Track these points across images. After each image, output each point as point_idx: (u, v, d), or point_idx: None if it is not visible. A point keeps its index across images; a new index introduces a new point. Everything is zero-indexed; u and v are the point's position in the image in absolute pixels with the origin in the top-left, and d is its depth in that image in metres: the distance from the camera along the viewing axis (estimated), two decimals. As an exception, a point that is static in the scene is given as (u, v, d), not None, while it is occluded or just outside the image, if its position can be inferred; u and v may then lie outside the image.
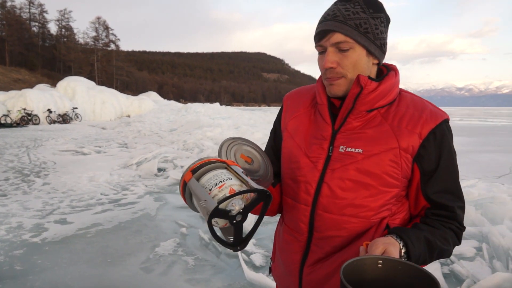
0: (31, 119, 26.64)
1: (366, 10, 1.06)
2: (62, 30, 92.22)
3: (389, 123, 1.10)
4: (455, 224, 1.10)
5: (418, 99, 1.15)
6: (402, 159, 1.07)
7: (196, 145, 11.30)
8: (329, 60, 1.07)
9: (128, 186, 7.34)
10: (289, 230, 1.25)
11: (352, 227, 1.11)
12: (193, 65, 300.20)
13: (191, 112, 24.15)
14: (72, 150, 12.57)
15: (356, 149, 1.09)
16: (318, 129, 1.19)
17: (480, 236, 4.01)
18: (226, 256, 4.04)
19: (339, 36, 1.05)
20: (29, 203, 6.08)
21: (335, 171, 1.11)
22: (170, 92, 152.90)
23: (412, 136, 1.06)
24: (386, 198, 1.09)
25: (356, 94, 1.09)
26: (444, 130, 1.08)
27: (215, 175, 0.95)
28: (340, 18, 1.05)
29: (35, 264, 3.85)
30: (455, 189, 1.10)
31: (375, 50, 1.09)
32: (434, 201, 1.09)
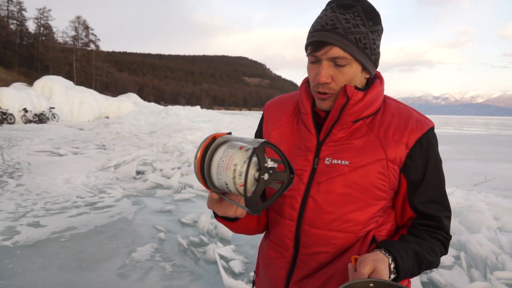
0: (6, 118, 25.92)
1: (366, 23, 1.01)
2: (40, 28, 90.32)
3: (375, 133, 1.07)
4: (442, 234, 1.08)
5: (403, 107, 1.13)
6: (389, 170, 1.04)
7: (176, 148, 11.17)
8: (324, 75, 1.02)
9: (105, 189, 7.18)
10: (274, 245, 1.20)
11: (339, 243, 1.08)
12: (174, 67, 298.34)
13: (171, 114, 23.93)
14: (48, 150, 12.26)
15: (342, 161, 1.06)
16: (302, 140, 1.14)
17: (458, 244, 4.05)
18: (204, 263, 3.98)
19: (337, 51, 1.00)
20: (1, 204, 5.87)
21: (321, 184, 1.07)
22: (151, 94, 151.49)
23: (399, 146, 1.04)
24: (374, 211, 1.07)
25: (342, 105, 1.06)
26: (430, 138, 1.07)
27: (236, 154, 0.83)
28: (340, 31, 0.99)
29: (6, 268, 3.71)
30: (441, 199, 1.09)
31: (370, 66, 1.06)
32: (421, 212, 1.07)
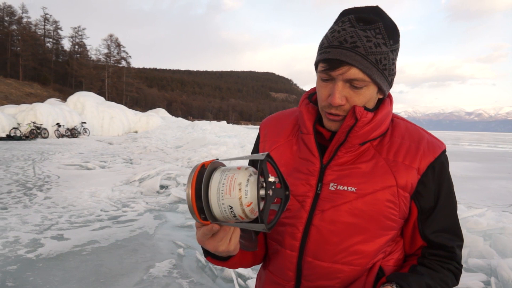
0: (40, 132, 26.89)
1: (387, 42, 0.91)
2: (75, 46, 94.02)
3: (384, 157, 0.98)
4: (454, 264, 1.00)
5: (413, 128, 1.04)
6: (400, 198, 0.96)
7: (200, 163, 11.23)
8: (338, 97, 0.92)
9: (129, 203, 7.26)
10: (273, 277, 1.11)
11: (345, 276, 0.99)
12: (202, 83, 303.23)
13: (197, 129, 24.20)
14: (77, 164, 12.57)
15: (348, 187, 0.97)
16: (303, 162, 1.04)
17: (489, 269, 3.84)
18: (222, 281, 3.93)
19: (356, 73, 0.90)
20: (28, 217, 6.02)
21: (325, 213, 0.98)
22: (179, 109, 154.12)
23: (410, 172, 0.96)
24: (383, 242, 0.98)
25: (350, 126, 0.96)
26: (442, 162, 0.99)
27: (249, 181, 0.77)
28: (361, 50, 0.89)
29: (27, 281, 3.77)
30: (454, 227, 1.01)
31: (386, 87, 0.98)
32: (432, 241, 0.99)
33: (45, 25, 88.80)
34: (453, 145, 43.17)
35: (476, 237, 4.29)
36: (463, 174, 13.89)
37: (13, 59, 71.53)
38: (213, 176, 0.79)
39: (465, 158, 21.73)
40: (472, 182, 11.91)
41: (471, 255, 4.17)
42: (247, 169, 0.77)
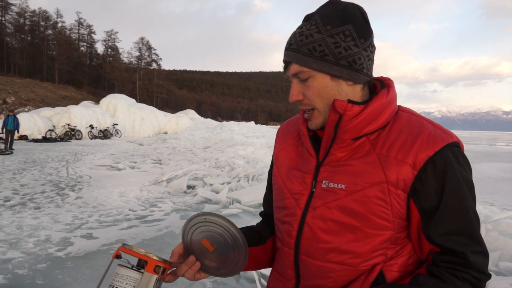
0: (74, 134, 27.78)
1: (321, 29, 0.92)
2: (108, 50, 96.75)
3: (377, 152, 0.93)
4: (470, 273, 0.88)
5: (416, 120, 0.96)
6: (391, 196, 0.90)
7: (227, 163, 11.31)
8: (293, 94, 0.98)
9: (157, 203, 7.37)
10: (277, 275, 1.12)
11: (338, 276, 0.96)
12: (231, 84, 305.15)
13: (226, 130, 24.37)
14: (108, 165, 12.89)
15: (339, 184, 0.94)
16: (303, 162, 1.05)
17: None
18: (245, 281, 3.91)
19: (294, 67, 0.96)
20: (60, 216, 6.21)
21: (317, 210, 0.97)
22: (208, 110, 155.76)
23: (402, 167, 0.89)
24: (376, 242, 0.92)
25: (336, 121, 0.95)
26: (447, 157, 0.89)
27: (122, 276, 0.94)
28: (293, 47, 0.95)
29: (55, 279, 3.87)
30: (468, 230, 0.89)
31: (341, 73, 0.93)
32: (441, 245, 0.90)
33: (79, 29, 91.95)
34: (489, 145, 41.69)
35: (508, 240, 4.12)
36: (498, 175, 13.38)
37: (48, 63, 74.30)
38: None
39: (502, 159, 20.92)
40: (508, 183, 11.45)
41: (502, 258, 4.00)
42: None
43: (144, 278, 0.93)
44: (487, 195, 9.28)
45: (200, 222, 0.99)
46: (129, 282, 0.93)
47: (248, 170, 9.73)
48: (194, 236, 1.00)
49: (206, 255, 1.01)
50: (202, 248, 1.00)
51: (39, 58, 73.77)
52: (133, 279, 0.93)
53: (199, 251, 1.01)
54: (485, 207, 5.22)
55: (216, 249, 0.99)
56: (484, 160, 19.52)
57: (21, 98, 46.67)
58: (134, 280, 0.93)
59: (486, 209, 5.03)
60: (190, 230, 1.00)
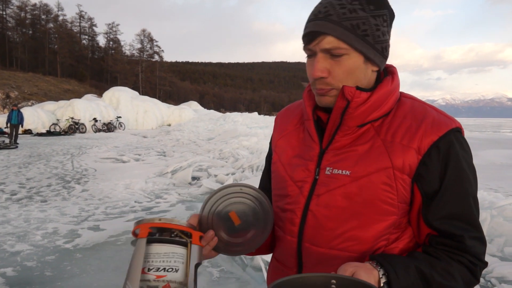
0: (78, 127, 27.88)
1: (365, 7, 0.87)
2: (110, 42, 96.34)
3: (382, 138, 0.93)
4: (467, 257, 0.88)
5: (419, 106, 0.96)
6: (397, 181, 0.89)
7: (231, 154, 11.32)
8: (318, 69, 0.90)
9: (162, 194, 7.42)
10: (278, 264, 1.11)
11: (342, 263, 0.93)
12: (234, 75, 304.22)
13: (229, 121, 24.38)
14: (113, 157, 12.95)
15: (343, 170, 0.93)
16: (306, 148, 1.03)
17: (526, 258, 3.70)
18: (252, 270, 3.95)
19: (331, 40, 0.88)
20: (66, 209, 6.27)
21: (321, 197, 0.95)
22: (211, 101, 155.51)
23: (408, 153, 0.89)
24: (381, 228, 0.92)
25: (343, 108, 0.93)
26: (451, 141, 0.89)
27: (167, 254, 0.82)
28: (333, 18, 0.87)
29: (64, 270, 3.92)
30: (466, 215, 0.89)
31: (375, 56, 0.91)
32: (439, 229, 0.90)
33: (81, 22, 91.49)
34: (494, 132, 41.49)
35: (511, 225, 4.13)
36: (503, 162, 13.35)
37: (50, 56, 74.19)
38: None
39: (506, 146, 20.84)
40: (510, 170, 11.42)
41: (507, 243, 4.02)
42: None
43: (193, 251, 0.85)
44: (491, 182, 9.27)
45: (232, 193, 0.94)
46: (178, 259, 0.83)
47: (252, 161, 9.75)
48: (220, 208, 0.94)
49: (225, 230, 0.95)
50: (224, 222, 0.95)
51: (41, 52, 73.62)
52: (180, 255, 0.83)
53: (218, 226, 0.94)
54: (489, 194, 5.23)
55: (241, 223, 0.95)
56: (489, 147, 19.46)
57: (24, 92, 46.75)
58: (182, 256, 0.84)
59: (491, 196, 5.04)
60: (218, 201, 0.94)
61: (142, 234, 0.82)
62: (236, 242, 0.97)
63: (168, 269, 0.81)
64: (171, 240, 0.84)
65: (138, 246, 0.81)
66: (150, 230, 0.83)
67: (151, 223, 0.84)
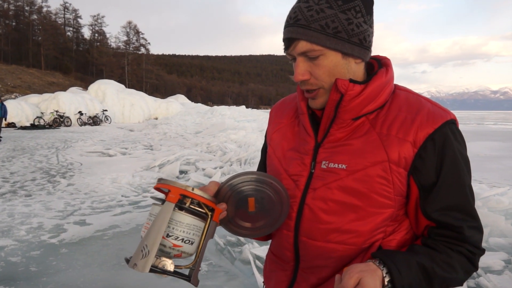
0: (63, 121, 27.46)
1: (333, 4, 0.88)
2: (95, 34, 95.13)
3: (377, 131, 0.93)
4: (466, 247, 0.90)
5: (414, 99, 0.97)
6: (393, 174, 0.90)
7: (219, 148, 11.28)
8: (299, 73, 0.92)
9: (149, 188, 7.36)
10: (274, 257, 1.12)
11: (340, 256, 0.96)
12: (221, 68, 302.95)
13: (216, 114, 24.27)
14: (99, 151, 12.80)
15: (339, 164, 0.94)
16: (301, 142, 1.04)
17: (510, 248, 3.77)
18: (240, 263, 3.94)
19: (304, 45, 0.89)
20: (51, 203, 6.18)
21: (317, 191, 0.96)
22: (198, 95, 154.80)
23: (403, 146, 0.90)
24: (378, 220, 0.93)
25: (337, 101, 0.93)
26: (446, 133, 0.90)
27: (189, 225, 0.83)
28: (302, 22, 0.88)
29: (50, 265, 3.87)
30: (464, 206, 0.91)
31: (353, 50, 0.91)
32: (438, 221, 0.91)
33: (65, 14, 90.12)
34: (478, 124, 42.15)
35: (497, 216, 4.21)
36: (487, 154, 13.57)
37: (34, 48, 72.91)
38: None
39: (490, 138, 21.19)
40: (496, 161, 11.63)
41: (492, 234, 4.10)
42: None
43: (211, 227, 0.86)
44: (476, 173, 9.41)
45: (262, 182, 0.95)
46: (196, 232, 0.84)
47: (240, 154, 9.73)
48: (243, 189, 0.95)
49: (237, 210, 0.96)
50: (240, 203, 0.95)
51: (25, 44, 72.29)
52: (199, 228, 0.84)
53: (232, 203, 0.95)
54: (474, 185, 5.30)
55: (254, 212, 0.96)
56: (473, 139, 19.74)
57: (7, 85, 45.89)
58: (200, 229, 0.85)
59: (475, 187, 5.11)
60: (244, 182, 0.95)
61: (172, 199, 0.82)
62: (241, 225, 0.98)
63: (186, 240, 0.82)
64: (196, 212, 0.85)
65: (165, 209, 0.81)
66: (180, 197, 0.83)
67: (184, 190, 0.84)
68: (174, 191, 0.83)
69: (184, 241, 0.82)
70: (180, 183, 0.85)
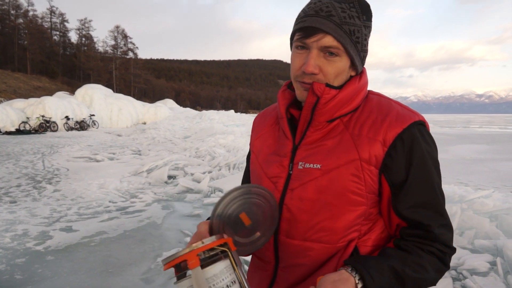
0: (49, 126, 27.11)
1: (360, 16, 0.95)
2: (82, 39, 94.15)
3: (350, 132, 0.98)
4: (436, 246, 0.93)
5: (385, 101, 1.02)
6: (364, 172, 0.94)
7: (208, 152, 11.26)
8: (312, 65, 0.94)
9: (137, 194, 7.31)
10: (256, 259, 1.15)
11: (316, 254, 0.99)
12: (209, 72, 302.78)
13: (205, 119, 24.25)
14: (86, 157, 12.66)
15: (314, 164, 0.98)
16: (280, 146, 1.08)
17: (495, 249, 3.81)
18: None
19: (330, 40, 0.93)
20: (37, 210, 6.09)
21: (294, 191, 1.00)
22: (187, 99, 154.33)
23: (374, 145, 0.94)
24: (351, 218, 0.96)
25: (313, 104, 0.98)
26: (414, 134, 0.94)
27: (222, 272, 0.80)
28: (335, 19, 0.92)
29: (35, 273, 3.81)
30: (433, 203, 0.94)
31: (358, 63, 0.99)
32: (408, 218, 0.94)
33: (52, 17, 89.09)
34: (463, 128, 42.71)
35: (482, 218, 4.26)
36: (472, 157, 13.74)
37: (20, 53, 71.91)
38: None
39: (475, 141, 21.47)
40: (481, 164, 11.78)
41: (477, 236, 4.14)
42: None
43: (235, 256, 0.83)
44: (461, 176, 9.53)
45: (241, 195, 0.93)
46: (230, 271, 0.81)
47: (229, 159, 9.72)
48: (230, 212, 0.93)
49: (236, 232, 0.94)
50: (235, 225, 0.93)
51: (10, 48, 71.20)
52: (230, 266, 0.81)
53: (229, 229, 0.93)
54: (460, 188, 5.36)
55: (251, 223, 0.95)
56: (459, 142, 19.99)
57: (-8, 90, 45.22)
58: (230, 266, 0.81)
59: (461, 189, 5.17)
60: (228, 205, 0.92)
61: (194, 264, 0.78)
62: (250, 241, 0.97)
63: (229, 285, 0.79)
64: (217, 258, 0.81)
65: (197, 276, 0.78)
66: (198, 256, 0.79)
67: (197, 249, 0.80)
68: (191, 256, 0.79)
69: (229, 286, 0.79)
70: (184, 249, 0.80)
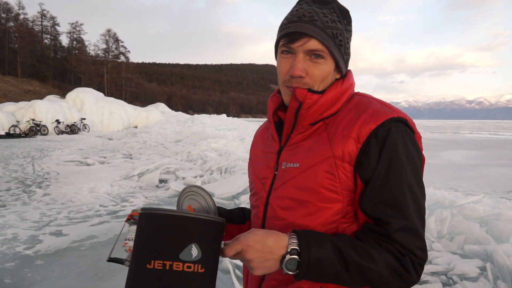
0: (39, 129, 26.86)
1: (342, 21, 1.00)
2: (73, 42, 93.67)
3: (327, 131, 1.01)
4: (395, 246, 0.87)
5: (365, 100, 1.02)
6: (338, 169, 0.94)
7: (199, 156, 11.24)
8: (299, 68, 0.97)
9: (128, 198, 7.26)
10: None
11: None
12: (202, 76, 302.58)
13: (197, 123, 24.19)
14: (77, 160, 12.57)
15: (294, 164, 1.02)
16: (268, 148, 1.15)
17: (484, 255, 3.84)
18: (220, 272, 3.92)
19: (315, 44, 0.96)
20: (27, 214, 6.02)
21: (277, 190, 1.05)
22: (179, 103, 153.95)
23: (347, 142, 0.94)
24: (327, 215, 0.96)
25: (296, 109, 1.02)
26: (389, 129, 0.92)
27: (131, 230, 1.07)
28: (318, 23, 0.96)
29: (25, 277, 3.77)
30: (397, 202, 0.89)
31: (342, 66, 1.03)
32: (371, 216, 0.91)
33: (42, 21, 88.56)
34: (454, 133, 43.12)
35: (472, 224, 4.29)
36: (463, 162, 13.88)
37: (11, 56, 71.22)
38: None
39: (466, 146, 21.69)
40: (472, 169, 11.89)
41: (467, 241, 4.17)
42: None
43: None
44: (452, 181, 9.62)
45: (188, 191, 1.09)
46: None
47: (221, 163, 9.71)
48: (182, 204, 1.09)
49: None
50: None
51: (0, 51, 70.43)
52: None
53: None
54: (450, 193, 5.41)
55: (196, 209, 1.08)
56: (449, 148, 20.18)
57: (-18, 93, 44.69)
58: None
59: (451, 195, 5.22)
60: (182, 199, 1.10)
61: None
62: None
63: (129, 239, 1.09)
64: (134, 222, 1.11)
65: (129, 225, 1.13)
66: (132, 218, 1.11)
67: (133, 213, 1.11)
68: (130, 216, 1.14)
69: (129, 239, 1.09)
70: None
